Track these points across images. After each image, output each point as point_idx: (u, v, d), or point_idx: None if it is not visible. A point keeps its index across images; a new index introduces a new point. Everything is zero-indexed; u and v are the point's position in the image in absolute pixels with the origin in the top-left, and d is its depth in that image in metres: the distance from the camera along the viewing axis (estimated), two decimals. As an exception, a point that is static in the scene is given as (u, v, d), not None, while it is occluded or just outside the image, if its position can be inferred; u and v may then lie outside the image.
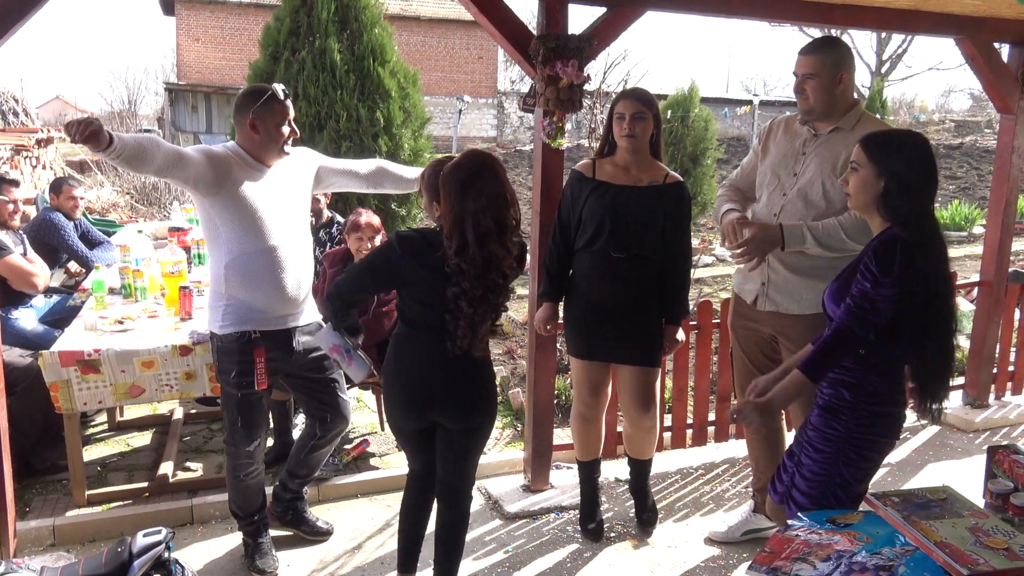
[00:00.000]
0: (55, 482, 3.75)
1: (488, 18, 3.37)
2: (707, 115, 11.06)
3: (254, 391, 2.90)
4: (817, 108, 2.87)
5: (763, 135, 3.18)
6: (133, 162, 2.55)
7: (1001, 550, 1.89)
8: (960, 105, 38.27)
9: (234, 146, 2.89)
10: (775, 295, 2.99)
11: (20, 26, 2.73)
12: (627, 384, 3.25)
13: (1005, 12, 4.00)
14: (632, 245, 3.08)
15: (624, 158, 3.15)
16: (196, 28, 23.78)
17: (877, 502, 2.11)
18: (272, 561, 3.10)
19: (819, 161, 2.89)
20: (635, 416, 3.30)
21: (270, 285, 2.87)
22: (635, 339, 3.19)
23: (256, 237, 2.83)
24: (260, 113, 2.80)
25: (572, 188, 3.23)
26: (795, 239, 2.79)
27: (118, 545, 2.48)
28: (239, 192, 2.80)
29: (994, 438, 4.56)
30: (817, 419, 2.36)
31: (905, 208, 2.18)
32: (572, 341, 3.31)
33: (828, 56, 2.84)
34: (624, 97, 3.13)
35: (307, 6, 7.30)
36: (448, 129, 21.19)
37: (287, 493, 3.31)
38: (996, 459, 2.46)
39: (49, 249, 4.93)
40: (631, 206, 3.09)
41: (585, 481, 3.47)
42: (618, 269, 3.11)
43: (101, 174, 13.25)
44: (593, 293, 3.18)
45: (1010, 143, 4.49)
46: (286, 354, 2.98)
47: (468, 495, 2.74)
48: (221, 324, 2.89)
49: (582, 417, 3.36)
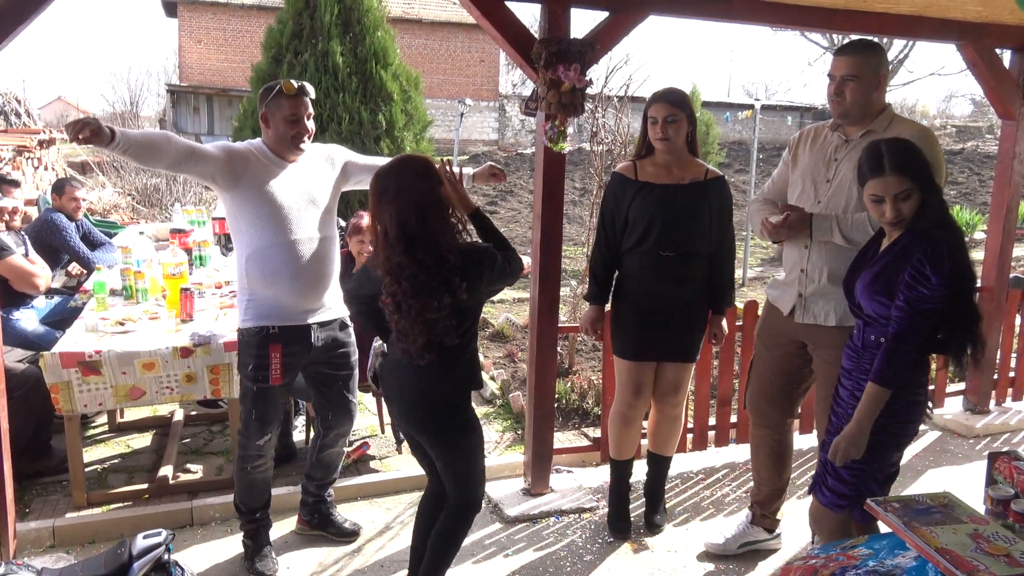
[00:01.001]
0: (55, 483, 3.75)
1: (490, 21, 3.37)
2: (708, 119, 11.09)
3: (269, 385, 2.94)
4: (854, 111, 2.81)
5: (792, 145, 3.14)
6: (143, 156, 2.59)
7: (1002, 556, 1.89)
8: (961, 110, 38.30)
9: (258, 142, 2.94)
10: (812, 306, 2.94)
11: (23, 28, 2.74)
12: (664, 376, 3.32)
13: (1007, 18, 4.00)
14: (682, 243, 3.13)
15: (664, 158, 3.19)
16: (198, 30, 23.82)
17: (877, 508, 2.12)
18: (272, 564, 3.10)
19: (852, 165, 2.81)
20: (663, 403, 3.36)
21: (289, 279, 2.89)
22: (683, 337, 3.26)
23: (274, 231, 2.86)
24: (270, 107, 2.85)
25: (615, 191, 3.24)
26: (823, 229, 2.79)
27: (118, 547, 2.48)
28: (257, 187, 2.84)
29: (995, 444, 4.56)
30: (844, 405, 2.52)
31: (940, 209, 2.33)
32: (620, 342, 3.32)
33: (872, 58, 2.78)
34: (656, 100, 3.14)
35: (310, 8, 7.32)
36: (450, 132, 21.21)
37: (308, 496, 3.34)
38: (997, 465, 2.46)
39: (50, 250, 4.94)
40: (677, 204, 3.13)
41: (617, 480, 3.48)
42: (668, 268, 3.15)
43: (103, 175, 13.26)
44: (644, 293, 3.21)
45: (1011, 149, 4.49)
46: (305, 349, 3.00)
47: (467, 505, 2.65)
48: (243, 319, 2.95)
49: (622, 417, 3.37)
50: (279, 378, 2.93)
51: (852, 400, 2.46)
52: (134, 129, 2.59)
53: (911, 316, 2.28)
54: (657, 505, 3.53)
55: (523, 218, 13.33)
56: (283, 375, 2.94)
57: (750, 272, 9.84)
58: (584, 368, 5.50)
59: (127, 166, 13.15)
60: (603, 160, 6.10)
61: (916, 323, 2.28)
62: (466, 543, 2.85)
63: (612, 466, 3.48)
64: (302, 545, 3.31)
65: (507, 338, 6.35)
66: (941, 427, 4.72)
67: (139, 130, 2.66)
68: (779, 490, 3.32)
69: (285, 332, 2.92)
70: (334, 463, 3.32)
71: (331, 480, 3.36)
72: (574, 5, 3.42)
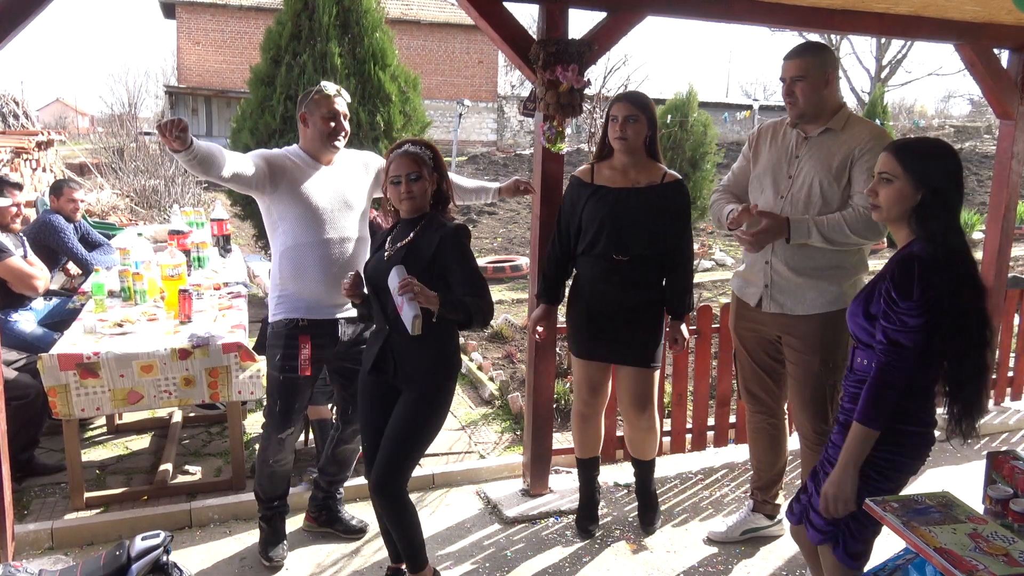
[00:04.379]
0: (53, 485, 3.75)
1: (489, 22, 3.37)
2: (706, 119, 11.06)
3: (296, 375, 3.01)
4: (808, 110, 2.91)
5: (752, 140, 3.21)
6: (203, 165, 2.69)
7: (1000, 556, 1.88)
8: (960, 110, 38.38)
9: (294, 148, 3.07)
10: (779, 296, 3.01)
11: (21, 29, 2.73)
12: (625, 385, 3.30)
13: (1005, 18, 4.00)
14: (633, 247, 3.12)
15: (621, 160, 3.19)
16: (196, 31, 23.82)
17: (876, 508, 2.11)
18: (282, 551, 3.18)
19: (813, 162, 2.92)
20: (632, 417, 3.34)
21: (320, 276, 3.00)
22: (635, 341, 3.22)
23: (309, 230, 2.98)
24: (309, 107, 3.00)
25: (571, 194, 3.28)
26: (801, 232, 2.81)
27: (116, 548, 2.48)
28: (293, 189, 2.96)
29: (994, 443, 4.56)
30: (838, 436, 2.27)
31: (936, 223, 2.10)
32: (573, 341, 3.36)
33: (816, 58, 2.89)
34: (618, 100, 3.20)
35: (309, 10, 7.32)
36: (448, 133, 21.22)
37: (320, 492, 3.39)
38: (996, 464, 2.45)
39: (49, 252, 4.92)
40: (630, 208, 3.12)
41: (583, 479, 3.49)
42: (620, 272, 3.15)
43: (101, 177, 13.25)
44: (596, 296, 3.21)
45: (1009, 149, 4.49)
46: (331, 342, 3.08)
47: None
48: (274, 312, 3.06)
49: (581, 415, 3.41)
50: (307, 369, 3.02)
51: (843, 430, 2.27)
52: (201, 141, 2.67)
53: (887, 348, 2.10)
54: (649, 505, 3.53)
55: (521, 219, 13.35)
56: (311, 367, 3.03)
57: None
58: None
59: (125, 167, 13.14)
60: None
61: (894, 356, 2.09)
62: (465, 543, 2.85)
63: (578, 465, 3.51)
64: (301, 545, 3.31)
65: (506, 339, 6.35)
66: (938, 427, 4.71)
67: (204, 142, 2.74)
68: (778, 474, 3.40)
69: (314, 325, 3.02)
70: (348, 460, 3.37)
71: (343, 477, 3.40)
72: (572, 6, 3.42)
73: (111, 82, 70.42)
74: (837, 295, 2.92)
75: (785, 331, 3.04)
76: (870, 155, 2.78)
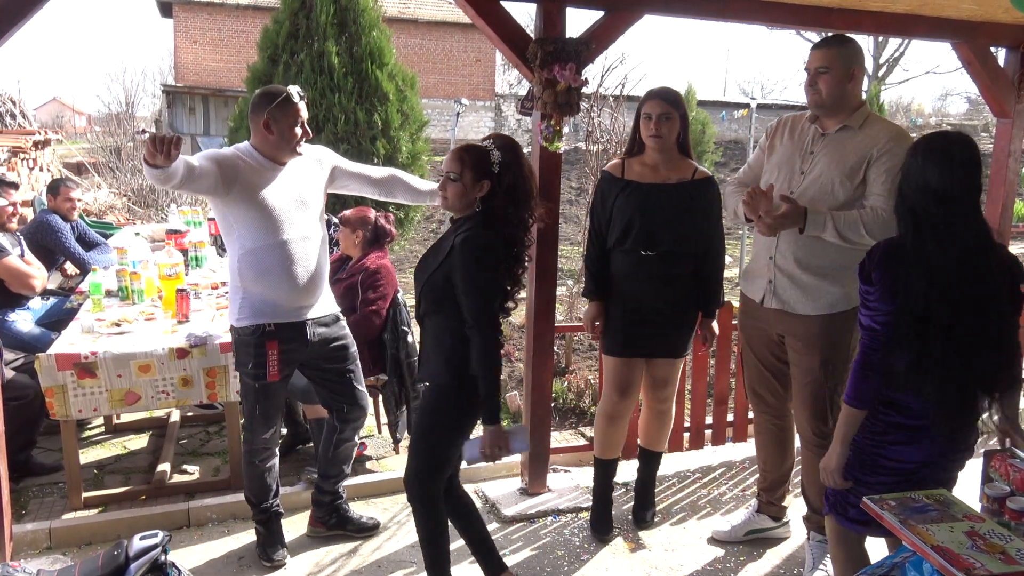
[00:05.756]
0: (51, 485, 3.74)
1: (486, 21, 3.37)
2: (704, 118, 11.10)
3: (267, 382, 2.99)
4: (828, 103, 2.86)
5: (770, 132, 3.18)
6: (166, 180, 2.67)
7: (997, 554, 1.89)
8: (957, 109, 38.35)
9: (246, 146, 2.97)
10: (781, 293, 2.99)
11: (18, 28, 2.72)
12: (653, 372, 3.34)
13: (1001, 17, 4.01)
14: (662, 242, 3.13)
15: (652, 157, 3.19)
16: (194, 30, 23.76)
17: (874, 506, 2.12)
18: (283, 551, 3.18)
19: (827, 160, 2.88)
20: (651, 397, 3.38)
21: (282, 278, 2.94)
22: (669, 335, 3.26)
23: (267, 232, 2.91)
24: (274, 114, 2.88)
25: (602, 188, 3.28)
26: (816, 224, 2.77)
27: (114, 548, 2.47)
28: (249, 190, 2.89)
29: (990, 442, 4.56)
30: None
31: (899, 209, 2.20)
32: (607, 339, 3.34)
33: (843, 51, 2.85)
34: (651, 97, 3.16)
35: (306, 9, 7.31)
36: (446, 132, 21.17)
37: (325, 496, 3.36)
38: (993, 463, 2.46)
39: (46, 251, 4.92)
40: (660, 204, 3.13)
41: (600, 479, 3.47)
42: (650, 267, 3.16)
43: (99, 176, 13.24)
44: (627, 292, 3.23)
45: (1006, 147, 4.49)
46: (302, 345, 3.04)
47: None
48: (238, 317, 2.99)
49: (607, 416, 3.37)
50: (277, 374, 2.99)
51: None
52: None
53: (863, 332, 2.19)
54: (647, 502, 3.53)
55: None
56: (280, 371, 3.00)
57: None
58: (581, 367, 5.50)
59: (122, 167, 13.13)
60: (599, 159, 6.11)
61: (868, 339, 2.18)
62: (463, 542, 2.86)
63: (596, 465, 3.48)
64: (301, 543, 3.30)
65: (504, 337, 6.34)
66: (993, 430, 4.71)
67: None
68: (783, 476, 3.36)
69: (282, 329, 2.97)
70: (349, 456, 3.37)
71: (346, 475, 3.40)
72: (570, 4, 3.42)
73: (108, 81, 70.49)
74: (840, 297, 2.89)
75: (787, 330, 3.02)
76: (888, 156, 2.74)
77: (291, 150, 2.95)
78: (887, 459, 2.26)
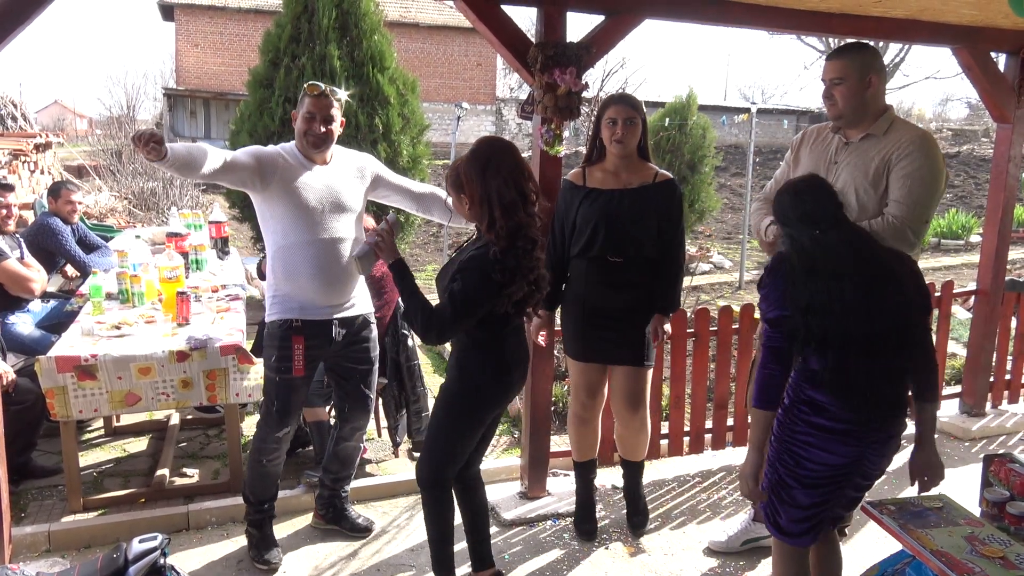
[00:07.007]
0: (50, 487, 3.74)
1: (487, 25, 3.38)
2: (705, 123, 11.06)
3: (291, 376, 3.02)
4: (847, 113, 2.83)
5: (795, 145, 3.16)
6: (183, 170, 2.71)
7: (997, 559, 1.89)
8: (957, 114, 38.42)
9: (289, 145, 3.06)
10: None
11: (20, 31, 2.73)
12: (618, 384, 3.31)
13: (1001, 22, 4.01)
14: (628, 248, 3.12)
15: (614, 163, 3.20)
16: (195, 34, 23.83)
17: (873, 510, 2.12)
18: (277, 554, 3.18)
19: (851, 169, 2.85)
20: (624, 416, 3.35)
21: (312, 277, 2.99)
22: (630, 341, 3.23)
23: (298, 230, 2.96)
24: (297, 107, 3.00)
25: (564, 197, 3.28)
26: None
27: (114, 551, 2.47)
28: (285, 187, 2.95)
29: (990, 447, 4.56)
30: None
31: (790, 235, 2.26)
32: (569, 344, 3.35)
33: (856, 60, 2.80)
34: (614, 103, 3.17)
35: (308, 12, 7.32)
36: (446, 136, 21.22)
37: (324, 490, 3.41)
38: (992, 468, 2.46)
39: (46, 254, 4.92)
40: (623, 209, 3.13)
41: (581, 482, 3.49)
42: (616, 274, 3.15)
43: (99, 179, 13.25)
44: (590, 298, 3.21)
45: (1006, 152, 4.50)
46: (325, 342, 3.08)
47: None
48: (269, 312, 3.07)
49: (578, 418, 3.41)
50: (301, 370, 3.03)
51: None
52: (178, 143, 2.68)
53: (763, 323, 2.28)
54: (636, 507, 3.53)
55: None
56: (305, 367, 3.04)
57: (747, 276, 9.84)
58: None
59: (123, 170, 13.13)
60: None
61: (765, 343, 2.25)
62: (462, 545, 2.86)
63: (575, 468, 3.51)
64: (299, 546, 3.30)
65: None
66: (937, 430, 4.71)
67: (182, 144, 2.74)
68: None
69: (307, 325, 3.03)
70: (351, 457, 3.39)
71: (347, 475, 3.42)
72: (570, 9, 3.43)
73: (109, 84, 70.58)
74: None
75: None
76: (907, 160, 2.72)
77: (308, 142, 2.98)
78: (811, 461, 2.23)
